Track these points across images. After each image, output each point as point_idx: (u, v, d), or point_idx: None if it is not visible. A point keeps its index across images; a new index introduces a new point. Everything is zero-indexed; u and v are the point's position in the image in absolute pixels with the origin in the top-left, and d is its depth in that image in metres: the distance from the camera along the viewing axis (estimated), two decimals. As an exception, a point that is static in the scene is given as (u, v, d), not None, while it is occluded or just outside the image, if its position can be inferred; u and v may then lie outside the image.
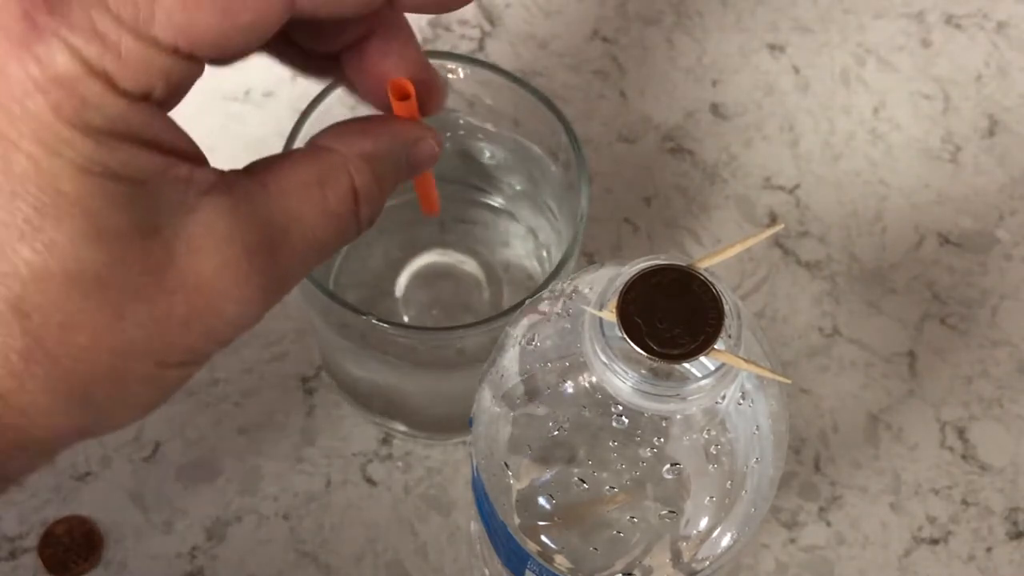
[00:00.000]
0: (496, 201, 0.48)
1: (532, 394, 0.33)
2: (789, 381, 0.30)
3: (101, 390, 0.28)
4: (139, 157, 0.27)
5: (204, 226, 0.28)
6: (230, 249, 0.28)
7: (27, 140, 0.25)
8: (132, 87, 0.26)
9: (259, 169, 0.30)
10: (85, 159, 0.26)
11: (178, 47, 0.26)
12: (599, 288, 0.30)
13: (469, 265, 0.48)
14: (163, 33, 0.26)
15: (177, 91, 0.27)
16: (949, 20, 0.56)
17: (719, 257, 0.30)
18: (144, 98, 0.26)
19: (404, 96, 0.33)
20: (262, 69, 0.57)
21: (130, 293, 0.27)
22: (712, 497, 0.32)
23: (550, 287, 0.36)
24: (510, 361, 0.33)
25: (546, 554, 0.33)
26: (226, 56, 0.28)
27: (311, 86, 0.54)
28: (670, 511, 0.32)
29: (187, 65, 0.27)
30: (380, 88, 0.33)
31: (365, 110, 0.47)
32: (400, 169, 0.33)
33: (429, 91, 0.34)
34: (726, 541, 0.33)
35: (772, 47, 0.56)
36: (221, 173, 0.29)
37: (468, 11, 0.55)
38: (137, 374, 0.28)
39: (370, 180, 0.31)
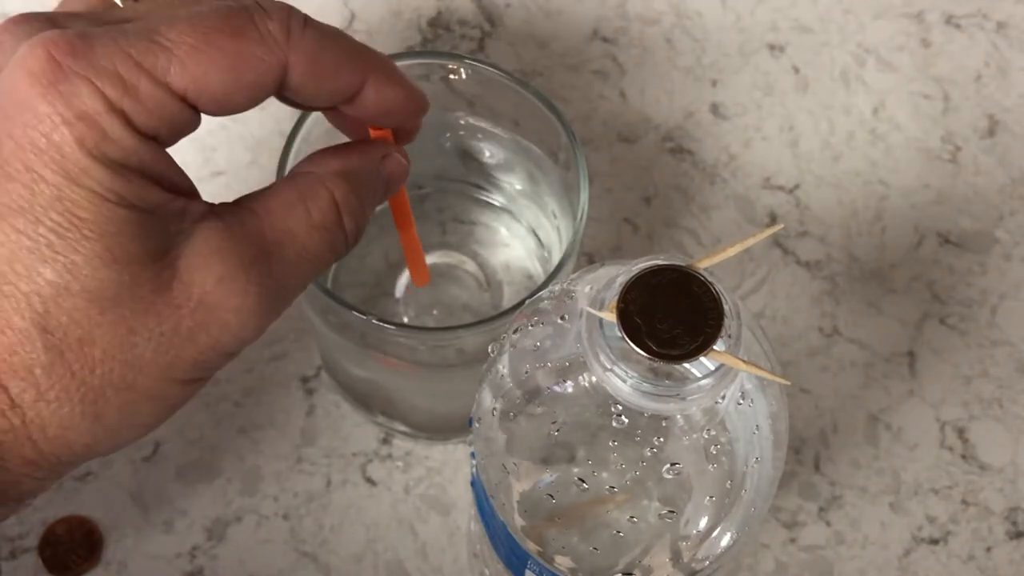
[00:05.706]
0: (496, 201, 0.48)
1: (532, 394, 0.33)
2: (789, 382, 0.30)
3: (111, 404, 0.30)
4: (147, 189, 0.30)
5: (203, 244, 0.31)
6: (227, 262, 0.31)
7: (51, 170, 0.28)
8: (145, 126, 0.29)
9: (245, 199, 0.33)
10: (103, 188, 0.29)
11: (187, 95, 0.30)
12: (599, 288, 0.30)
13: (469, 265, 0.48)
14: (176, 81, 0.29)
15: (176, 136, 0.31)
16: (949, 20, 0.56)
17: (719, 257, 0.30)
18: (153, 137, 0.30)
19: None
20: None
21: (141, 310, 0.30)
22: (712, 497, 0.32)
23: (550, 287, 0.36)
24: (510, 361, 0.33)
25: (546, 554, 0.33)
26: (223, 110, 0.31)
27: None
28: (670, 511, 0.32)
29: (190, 114, 0.30)
30: (362, 133, 0.37)
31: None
32: (375, 182, 0.35)
33: (406, 131, 0.37)
34: (726, 541, 0.33)
35: (772, 47, 0.56)
36: (211, 205, 0.32)
37: (468, 11, 0.55)
38: (145, 389, 0.30)
39: (348, 192, 0.34)
